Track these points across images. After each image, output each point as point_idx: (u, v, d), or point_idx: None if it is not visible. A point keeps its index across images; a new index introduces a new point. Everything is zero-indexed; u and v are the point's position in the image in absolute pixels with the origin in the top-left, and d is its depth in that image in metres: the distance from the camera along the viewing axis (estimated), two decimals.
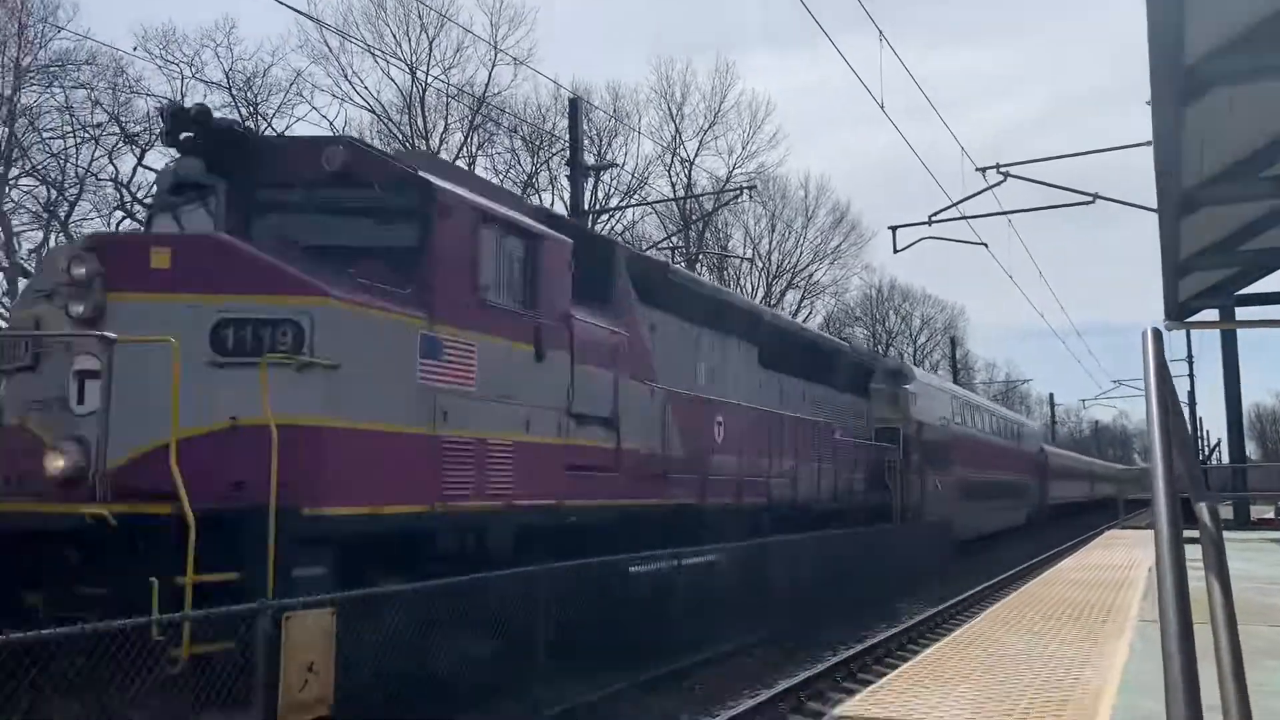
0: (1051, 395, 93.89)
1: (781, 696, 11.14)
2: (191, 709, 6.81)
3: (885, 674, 7.24)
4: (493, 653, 9.92)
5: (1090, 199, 20.19)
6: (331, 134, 34.34)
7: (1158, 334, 3.05)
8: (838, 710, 3.64)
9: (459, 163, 37.47)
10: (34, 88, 32.56)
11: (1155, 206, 12.28)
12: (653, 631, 11.68)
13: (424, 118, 39.16)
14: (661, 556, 11.96)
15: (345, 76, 38.83)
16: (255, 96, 36.85)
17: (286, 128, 36.93)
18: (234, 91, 36.06)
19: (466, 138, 39.99)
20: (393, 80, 39.85)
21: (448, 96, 38.12)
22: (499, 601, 9.45)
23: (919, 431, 25.12)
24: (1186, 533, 2.62)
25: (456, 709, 9.74)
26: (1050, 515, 46.21)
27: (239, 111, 35.93)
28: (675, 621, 12.19)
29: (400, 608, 8.64)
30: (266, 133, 34.04)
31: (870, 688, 4.17)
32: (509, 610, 9.55)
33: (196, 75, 35.71)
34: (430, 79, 37.77)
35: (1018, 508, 41.50)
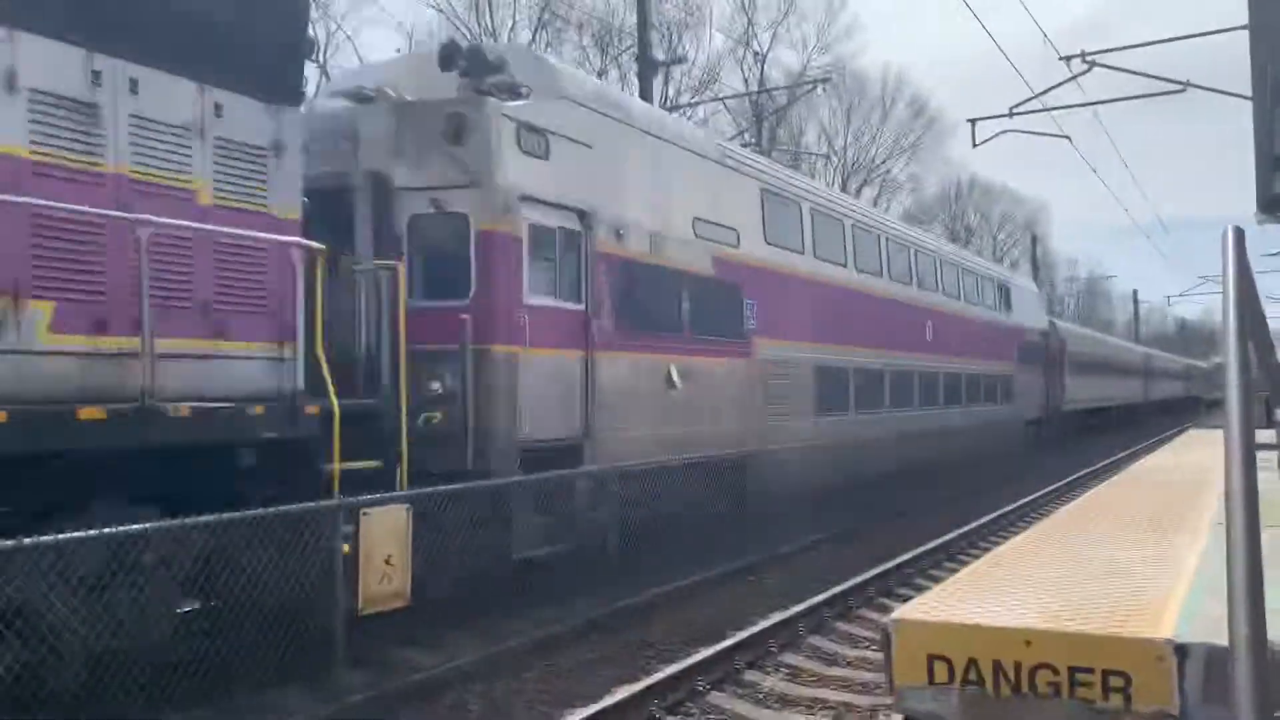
0: (1135, 292, 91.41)
1: (849, 593, 11.28)
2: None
3: (955, 571, 7.26)
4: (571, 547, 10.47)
5: (1181, 87, 19.29)
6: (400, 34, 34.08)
7: (1239, 232, 2.93)
8: (897, 612, 3.65)
9: None
10: None
11: (1249, 95, 11.68)
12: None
13: (491, 15, 38.64)
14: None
15: None
16: None
17: (355, 30, 36.72)
18: None
19: (534, 34, 39.40)
20: None
21: None
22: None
23: None
24: (1266, 436, 2.55)
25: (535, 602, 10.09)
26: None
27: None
28: None
29: (475, 502, 8.97)
30: (335, 34, 33.92)
31: (933, 589, 4.18)
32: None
33: None
34: None
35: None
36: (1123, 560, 4.75)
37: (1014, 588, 4.09)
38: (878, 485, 17.38)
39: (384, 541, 7.74)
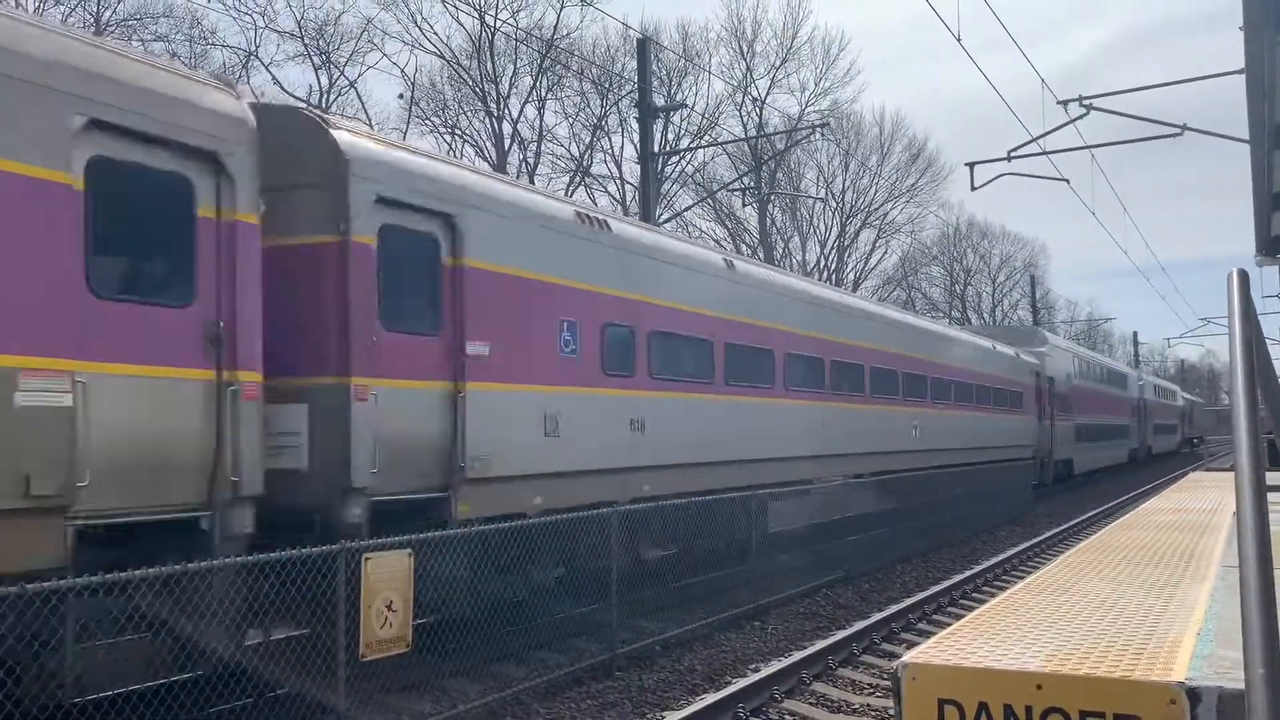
0: (1135, 334, 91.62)
1: (855, 638, 11.18)
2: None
3: (961, 616, 7.21)
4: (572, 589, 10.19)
5: (1179, 130, 19.43)
6: (403, 81, 34.46)
7: (1243, 275, 2.95)
8: (908, 656, 3.62)
9: (527, 107, 37.38)
10: (114, 41, 33.14)
11: (1247, 138, 11.77)
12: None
13: (493, 62, 39.04)
14: None
15: (415, 23, 38.81)
16: (327, 45, 37.04)
17: (358, 76, 37.13)
18: (306, 40, 36.30)
19: (535, 81, 39.81)
20: (462, 25, 39.77)
21: (516, 40, 37.91)
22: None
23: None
24: (1272, 477, 2.54)
25: (538, 644, 9.98)
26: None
27: (311, 61, 36.18)
28: None
29: (473, 546, 8.88)
30: (339, 81, 34.23)
31: (943, 632, 4.14)
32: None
33: (270, 25, 36.02)
34: (499, 23, 37.58)
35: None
36: (1132, 603, 4.72)
37: (1024, 630, 4.06)
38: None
39: (385, 587, 7.69)
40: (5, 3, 9.95)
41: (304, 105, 23.86)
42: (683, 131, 43.20)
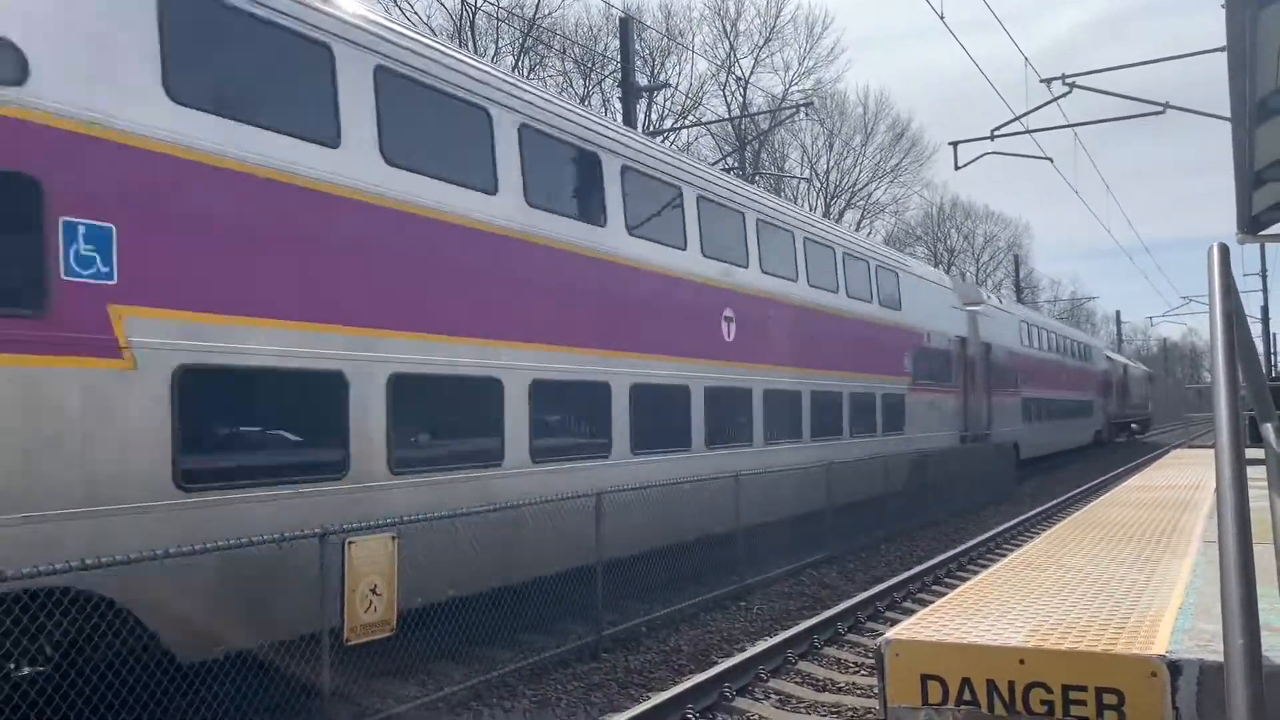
0: (1118, 313, 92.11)
1: (839, 617, 11.23)
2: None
3: (943, 594, 7.25)
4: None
5: (1160, 109, 19.48)
6: None
7: (1224, 249, 2.95)
8: (891, 633, 3.64)
9: None
10: None
11: (1229, 116, 11.79)
12: None
13: (474, 42, 38.77)
14: None
15: (395, 2, 38.49)
16: None
17: None
18: None
19: (517, 61, 39.57)
20: (443, 4, 39.51)
21: (498, 20, 37.68)
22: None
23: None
24: (1252, 453, 2.55)
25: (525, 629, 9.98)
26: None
27: None
28: None
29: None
30: None
31: (926, 609, 4.16)
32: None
33: None
34: (480, 2, 37.32)
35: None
36: (1114, 578, 4.75)
37: (1007, 607, 4.08)
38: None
39: (369, 571, 7.67)
40: None
41: None
42: (666, 111, 43.12)
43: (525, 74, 39.71)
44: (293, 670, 7.38)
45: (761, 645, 9.79)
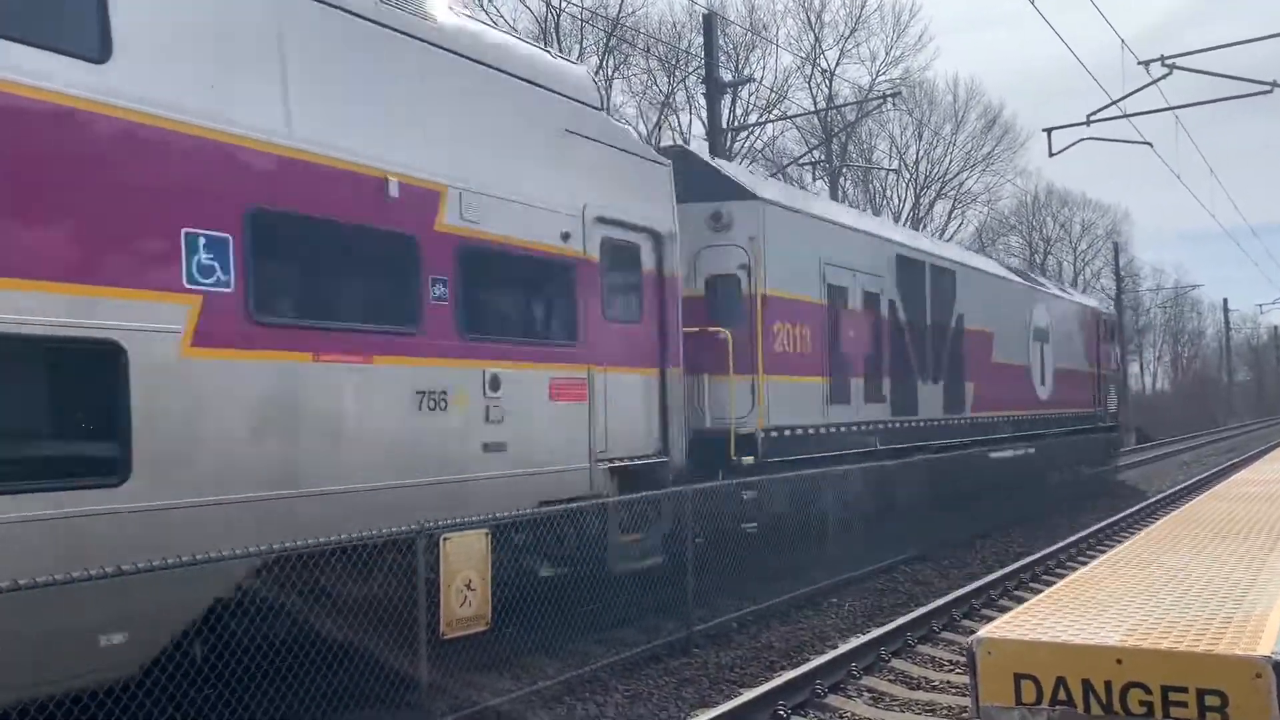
0: (1225, 301, 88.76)
1: (934, 614, 11.08)
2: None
3: (1038, 592, 7.10)
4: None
5: (1269, 87, 18.76)
6: None
7: None
8: (983, 631, 3.60)
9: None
10: None
11: None
12: None
13: (559, 43, 39.10)
14: None
15: (482, 6, 39.01)
16: None
17: None
18: None
19: (602, 61, 39.78)
20: (528, 7, 39.85)
21: (582, 20, 37.92)
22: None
23: None
24: None
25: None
26: None
27: None
28: None
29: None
30: None
31: (1019, 607, 4.10)
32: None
33: None
34: (565, 3, 37.60)
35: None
36: (1217, 576, 4.61)
37: (1103, 605, 3.99)
38: None
39: (464, 566, 7.82)
40: None
41: None
42: (751, 106, 42.85)
43: (610, 74, 39.93)
44: (391, 662, 7.56)
45: (854, 642, 9.72)
